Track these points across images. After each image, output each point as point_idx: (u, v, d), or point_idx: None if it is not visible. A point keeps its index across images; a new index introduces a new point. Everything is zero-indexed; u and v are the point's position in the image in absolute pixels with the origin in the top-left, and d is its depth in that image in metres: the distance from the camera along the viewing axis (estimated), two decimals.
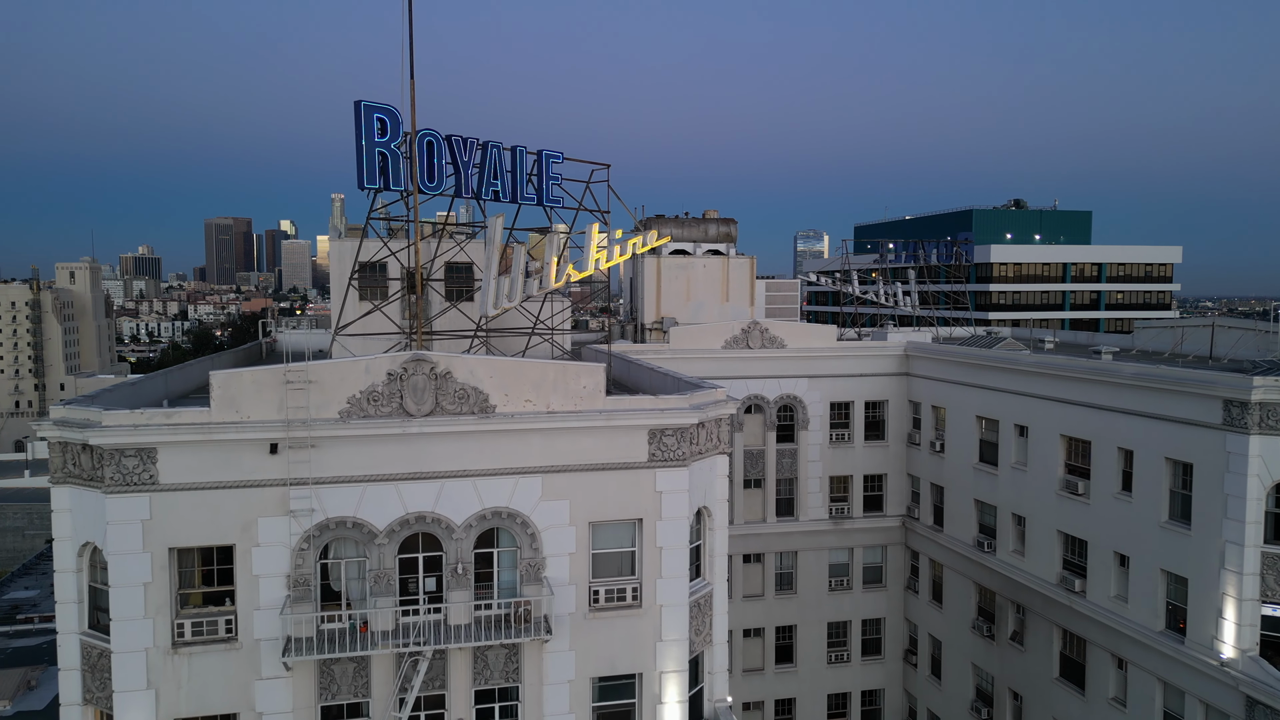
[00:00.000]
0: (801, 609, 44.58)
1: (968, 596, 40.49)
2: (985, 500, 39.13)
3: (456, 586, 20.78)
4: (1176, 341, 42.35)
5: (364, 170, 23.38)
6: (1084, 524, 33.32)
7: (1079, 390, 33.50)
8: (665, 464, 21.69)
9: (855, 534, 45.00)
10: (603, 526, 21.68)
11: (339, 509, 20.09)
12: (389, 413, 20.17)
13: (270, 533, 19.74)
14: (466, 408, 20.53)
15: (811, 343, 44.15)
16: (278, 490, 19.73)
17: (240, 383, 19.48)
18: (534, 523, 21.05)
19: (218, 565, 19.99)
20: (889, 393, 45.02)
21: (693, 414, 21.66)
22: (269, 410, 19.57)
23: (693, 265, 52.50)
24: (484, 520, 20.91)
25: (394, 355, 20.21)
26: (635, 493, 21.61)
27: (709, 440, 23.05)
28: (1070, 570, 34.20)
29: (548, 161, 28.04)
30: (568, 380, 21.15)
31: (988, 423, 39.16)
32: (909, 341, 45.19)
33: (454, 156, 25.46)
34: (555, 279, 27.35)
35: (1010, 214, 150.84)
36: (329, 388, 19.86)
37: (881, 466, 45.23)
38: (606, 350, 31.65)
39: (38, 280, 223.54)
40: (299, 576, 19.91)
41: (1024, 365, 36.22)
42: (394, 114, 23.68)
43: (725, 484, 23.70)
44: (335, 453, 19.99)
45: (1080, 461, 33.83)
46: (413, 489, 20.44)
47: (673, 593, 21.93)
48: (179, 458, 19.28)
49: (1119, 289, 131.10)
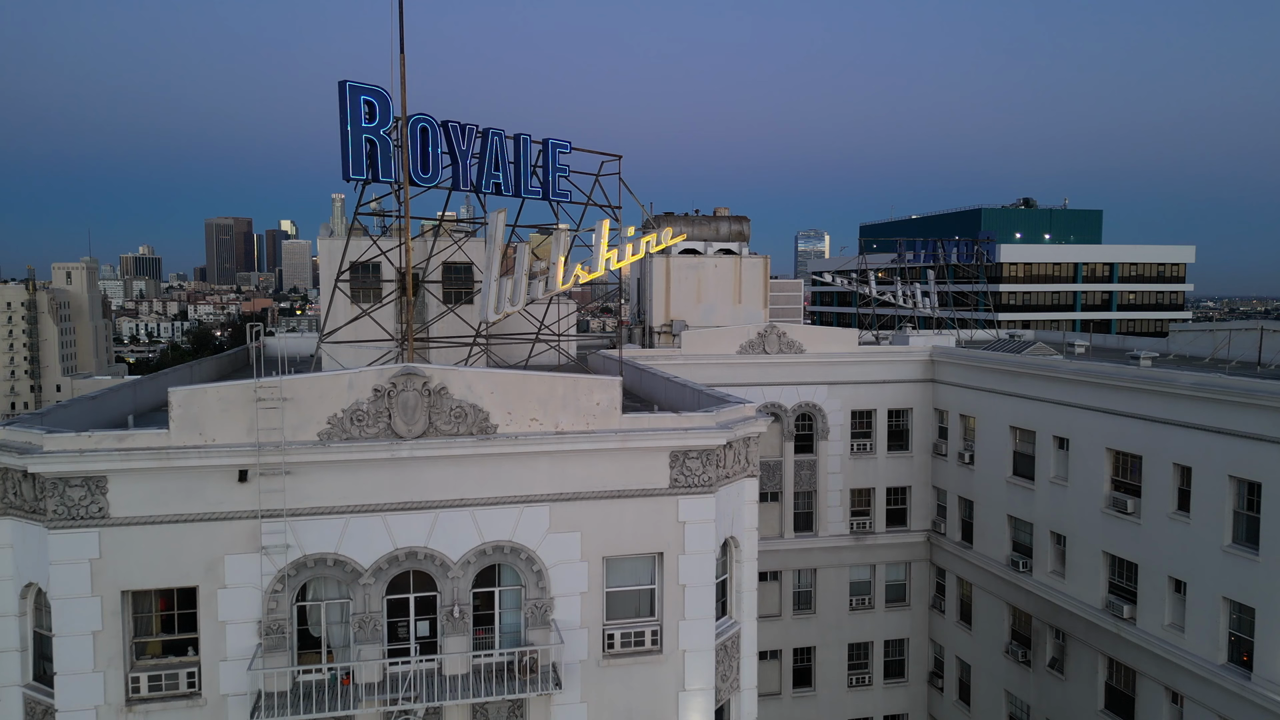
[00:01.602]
0: (821, 629, 42.07)
1: (1000, 618, 37.94)
2: (1020, 517, 36.58)
3: (453, 632, 18.25)
4: (1217, 346, 39.84)
5: (349, 159, 20.82)
6: (1134, 545, 30.76)
7: (1127, 400, 30.94)
8: (689, 490, 19.16)
9: (878, 550, 42.47)
10: (618, 562, 19.15)
11: (318, 544, 17.56)
12: (375, 434, 17.65)
13: (239, 572, 17.21)
14: (464, 428, 18.01)
15: (832, 347, 41.63)
16: (247, 524, 17.21)
17: (204, 400, 16.96)
18: (541, 558, 18.52)
19: (178, 610, 17.46)
20: (913, 400, 42.49)
21: (719, 434, 19.13)
22: (237, 432, 17.05)
23: (703, 265, 49.99)
24: (484, 556, 18.38)
25: (381, 368, 17.68)
26: (655, 523, 19.08)
27: (736, 462, 20.52)
28: (1118, 595, 31.64)
29: (554, 152, 25.53)
30: (579, 396, 18.63)
31: (1022, 433, 36.61)
32: (934, 346, 42.64)
33: (451, 145, 22.93)
34: (563, 281, 24.81)
35: (1020, 213, 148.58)
36: (306, 406, 17.34)
37: (905, 478, 42.71)
38: (618, 358, 29.12)
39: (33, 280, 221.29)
40: (272, 622, 17.38)
41: (1064, 373, 33.66)
42: (383, 96, 21.14)
43: (754, 510, 21.17)
44: (314, 480, 17.47)
45: (1129, 477, 31.28)
46: (403, 521, 17.92)
47: (697, 636, 19.39)
48: (133, 487, 16.76)
49: (1131, 289, 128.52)
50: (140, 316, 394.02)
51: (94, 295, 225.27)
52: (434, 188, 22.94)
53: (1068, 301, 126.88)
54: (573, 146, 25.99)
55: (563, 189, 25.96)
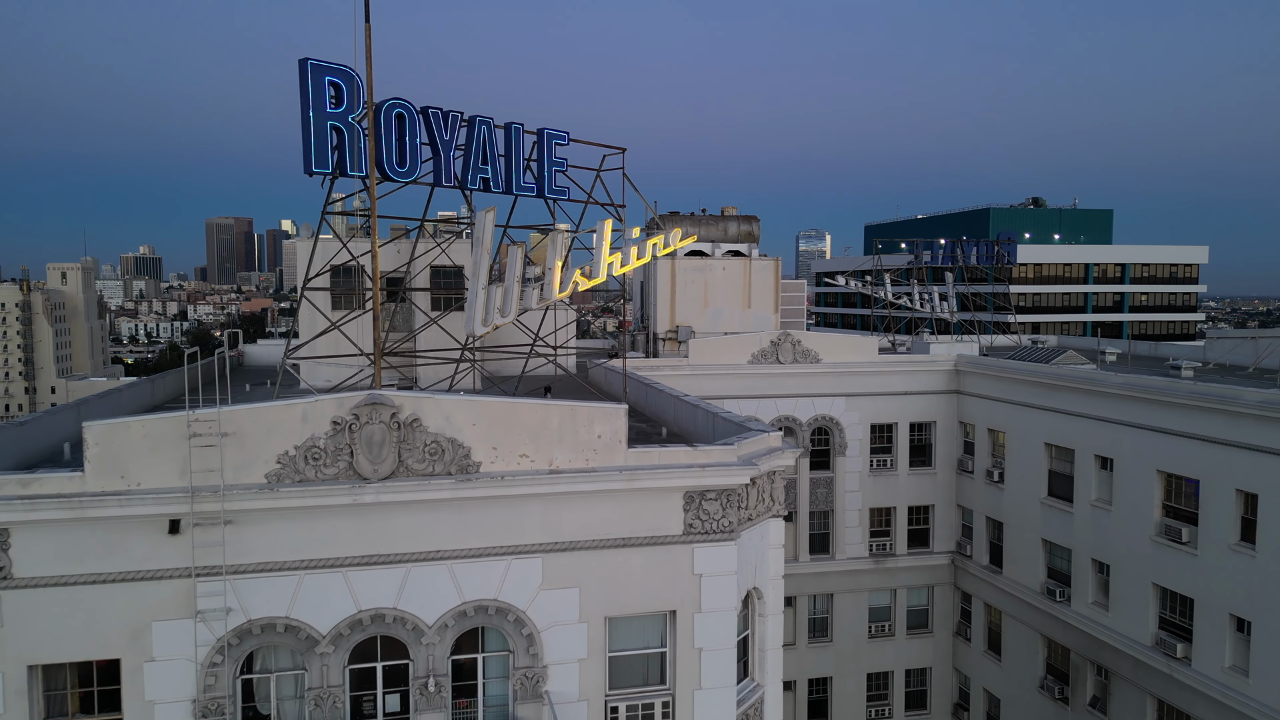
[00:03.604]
0: (838, 659, 39.25)
1: (1033, 650, 35.08)
2: (1056, 542, 33.72)
3: (428, 707, 15.42)
4: (1260, 354, 37.05)
5: (312, 151, 17.98)
6: (1189, 579, 27.90)
7: (1182, 418, 28.07)
8: (706, 538, 16.33)
9: (899, 573, 39.65)
10: (623, 623, 16.32)
11: (266, 607, 14.74)
12: (335, 475, 14.83)
13: (169, 642, 14.39)
14: (441, 467, 15.19)
15: (850, 356, 38.79)
16: (180, 584, 14.39)
17: (126, 437, 14.13)
18: (531, 620, 15.70)
19: (99, 687, 14.64)
20: (937, 413, 39.65)
21: (742, 470, 16.31)
22: (168, 474, 14.23)
23: (711, 267, 47.15)
24: (464, 618, 15.55)
25: (341, 397, 14.85)
26: (667, 577, 16.25)
27: (760, 501, 17.69)
28: (1170, 631, 28.79)
29: (550, 143, 22.70)
30: (577, 427, 15.81)
31: (1059, 451, 33.75)
32: (959, 355, 39.79)
33: (432, 134, 20.10)
34: (560, 288, 21.98)
35: (1029, 213, 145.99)
36: (252, 442, 14.52)
37: (929, 497, 39.87)
38: (621, 370, 26.30)
39: (27, 280, 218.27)
40: (210, 701, 14.54)
41: (1108, 387, 30.80)
42: (351, 77, 18.29)
43: (780, 556, 18.34)
44: (260, 531, 14.66)
45: (1184, 504, 28.42)
46: (368, 578, 15.10)
47: (715, 708, 16.55)
48: (41, 542, 13.95)
49: (1143, 290, 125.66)
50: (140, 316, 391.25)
51: (89, 296, 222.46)
52: (412, 183, 20.10)
53: (1078, 303, 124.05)
54: (571, 138, 23.19)
55: (560, 185, 23.15)
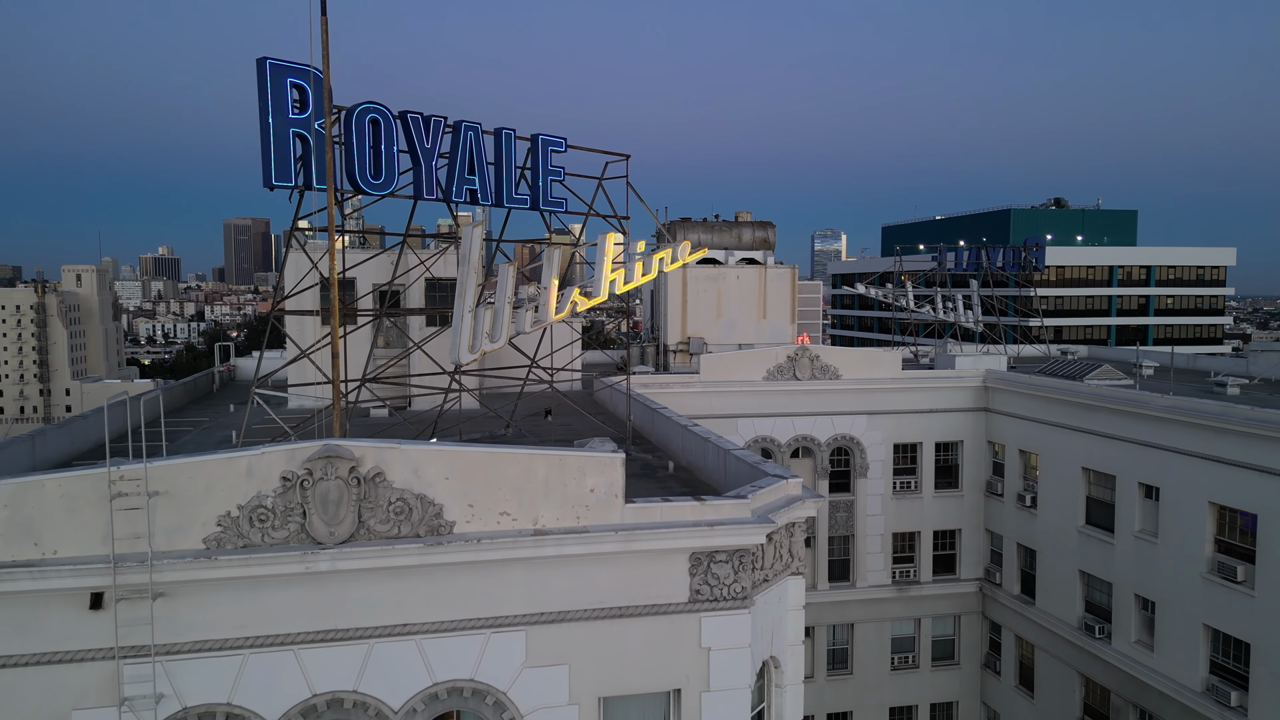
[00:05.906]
0: (858, 692, 37.02)
1: (1070, 689, 32.73)
2: (1096, 574, 31.36)
3: None
4: None
5: (272, 161, 15.99)
6: (1245, 621, 25.55)
7: (1237, 446, 25.72)
8: (715, 606, 14.22)
9: (923, 602, 37.37)
10: (620, 704, 14.22)
11: (204, 693, 12.75)
12: (285, 539, 12.82)
13: None
14: (408, 528, 13.16)
15: (872, 372, 36.55)
16: (103, 666, 12.42)
17: (40, 498, 12.17)
18: (514, 702, 13.63)
19: None
20: (964, 432, 37.34)
21: (757, 528, 14.18)
22: (89, 540, 12.27)
23: (724, 276, 45.09)
24: (436, 701, 13.50)
25: (291, 449, 12.83)
26: (670, 651, 14.15)
27: (778, 559, 15.56)
28: (1222, 677, 26.44)
29: (546, 150, 20.67)
30: (566, 480, 13.73)
31: (1098, 476, 31.40)
32: (988, 371, 37.46)
33: (411, 142, 18.10)
34: (556, 309, 19.96)
35: (1050, 214, 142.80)
36: (188, 501, 12.53)
37: (955, 521, 37.58)
38: (626, 391, 24.24)
39: (42, 283, 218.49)
40: None
41: (1153, 410, 28.44)
42: (317, 78, 16.30)
43: (800, 619, 16.19)
44: (197, 604, 12.67)
45: (1240, 540, 26.06)
46: (323, 657, 13.08)
47: None
48: None
49: (1169, 293, 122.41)
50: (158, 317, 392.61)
51: (104, 298, 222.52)
52: (389, 195, 18.10)
53: (1102, 306, 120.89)
54: (570, 144, 21.15)
55: (557, 195, 21.14)
